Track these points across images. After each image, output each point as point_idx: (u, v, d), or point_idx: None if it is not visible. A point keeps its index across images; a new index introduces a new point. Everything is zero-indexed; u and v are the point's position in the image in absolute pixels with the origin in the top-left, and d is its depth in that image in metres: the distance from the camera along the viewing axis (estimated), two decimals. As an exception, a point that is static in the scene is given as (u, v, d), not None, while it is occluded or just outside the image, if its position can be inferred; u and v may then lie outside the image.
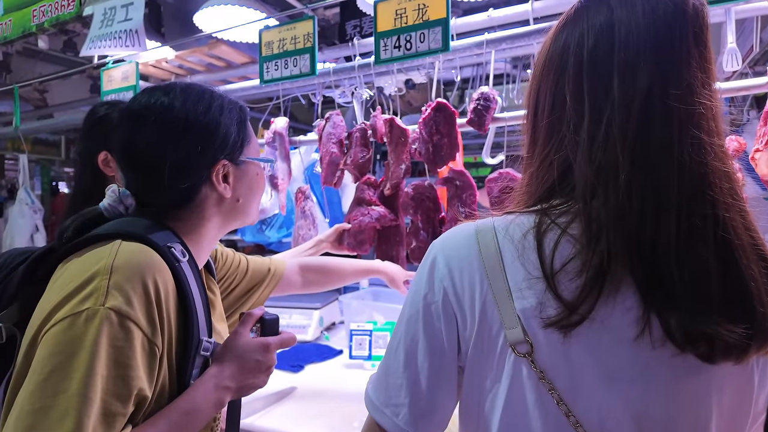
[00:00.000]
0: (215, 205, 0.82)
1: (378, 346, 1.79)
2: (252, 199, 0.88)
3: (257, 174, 0.88)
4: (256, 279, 1.13)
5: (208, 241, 0.84)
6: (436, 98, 1.52)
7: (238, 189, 0.83)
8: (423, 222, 1.53)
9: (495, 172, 1.40)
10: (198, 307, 0.74)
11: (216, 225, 0.84)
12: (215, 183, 0.79)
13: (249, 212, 0.88)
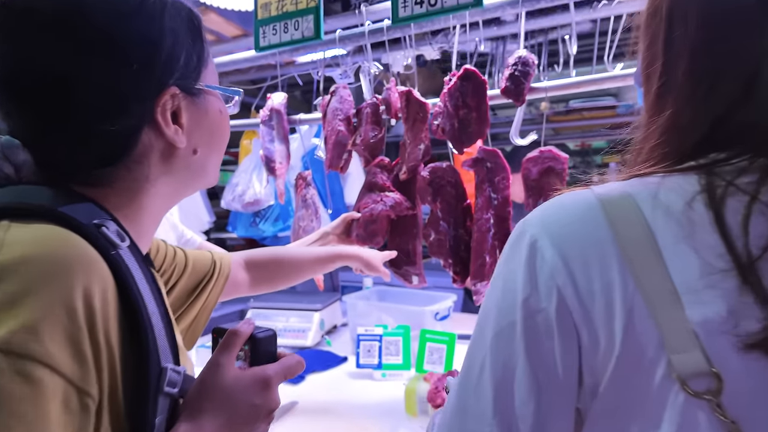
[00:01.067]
0: (162, 159, 0.54)
1: (389, 353, 1.58)
2: (214, 149, 0.60)
3: (220, 112, 0.60)
4: (199, 275, 0.83)
5: (153, 218, 0.57)
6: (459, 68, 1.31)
7: (195, 133, 0.56)
8: (443, 211, 1.31)
9: (534, 151, 1.19)
10: (153, 317, 0.48)
11: (164, 191, 0.56)
12: (161, 124, 0.52)
13: (208, 170, 0.60)
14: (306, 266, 1.06)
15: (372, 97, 1.45)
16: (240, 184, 2.09)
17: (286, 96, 1.60)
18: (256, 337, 0.57)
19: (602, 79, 1.15)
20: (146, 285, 0.49)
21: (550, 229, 0.41)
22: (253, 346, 0.57)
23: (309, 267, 1.06)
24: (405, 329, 1.61)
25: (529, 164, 1.18)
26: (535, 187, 1.20)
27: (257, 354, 0.57)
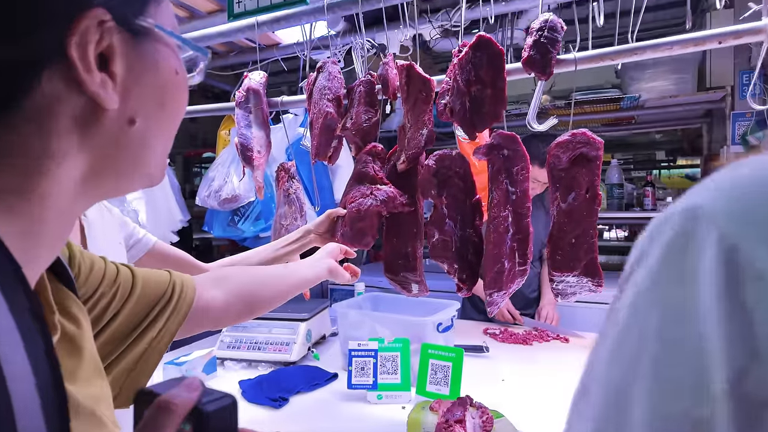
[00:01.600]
0: (76, 125, 0.35)
1: (386, 371, 1.37)
2: (162, 124, 0.41)
3: (176, 72, 0.41)
4: (150, 299, 0.61)
5: (57, 216, 0.37)
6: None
7: (133, 93, 0.38)
8: (450, 207, 1.11)
9: (566, 134, 0.99)
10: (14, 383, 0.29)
11: (76, 176, 0.37)
12: (78, 66, 0.34)
13: (149, 155, 0.41)
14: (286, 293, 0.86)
15: (366, 74, 1.24)
16: (216, 179, 1.86)
17: (266, 75, 1.38)
18: (204, 411, 0.36)
19: (646, 48, 0.95)
20: (10, 322, 0.29)
21: (760, 224, 0.21)
22: (199, 425, 0.36)
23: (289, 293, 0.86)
24: (404, 343, 1.40)
25: (558, 150, 0.98)
26: (565, 178, 1.01)
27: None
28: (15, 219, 0.33)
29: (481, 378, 1.47)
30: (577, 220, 1.02)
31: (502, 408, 1.12)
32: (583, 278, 1.05)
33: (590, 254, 1.03)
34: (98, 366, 0.45)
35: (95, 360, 0.45)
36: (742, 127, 2.46)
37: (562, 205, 1.03)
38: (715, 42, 0.88)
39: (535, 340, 1.86)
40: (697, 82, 2.63)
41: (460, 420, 0.96)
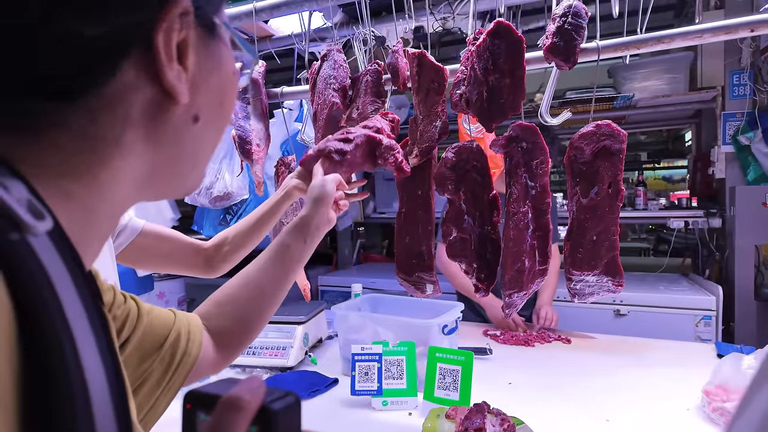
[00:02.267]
0: (146, 116, 0.34)
1: (391, 375, 1.31)
2: (217, 125, 0.40)
3: (233, 74, 0.41)
4: (158, 337, 0.56)
5: (110, 210, 0.34)
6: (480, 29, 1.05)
7: (201, 90, 0.37)
8: (468, 203, 1.05)
9: (589, 125, 0.94)
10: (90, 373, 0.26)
11: (137, 170, 0.35)
12: (161, 54, 0.32)
13: (199, 157, 0.40)
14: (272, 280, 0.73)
15: (372, 63, 1.18)
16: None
17: (265, 64, 1.31)
18: (272, 410, 0.33)
19: (681, 35, 0.91)
20: (81, 310, 0.27)
21: None
22: (267, 425, 0.33)
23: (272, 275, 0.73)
24: (409, 346, 1.34)
25: (582, 142, 0.94)
26: (587, 172, 0.96)
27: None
28: (71, 206, 0.31)
29: (488, 381, 1.42)
30: (600, 216, 0.97)
31: (515, 413, 1.07)
32: (603, 277, 1.00)
33: (612, 252, 0.98)
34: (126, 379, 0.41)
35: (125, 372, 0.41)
36: (733, 127, 2.48)
37: (582, 201, 0.99)
38: (747, 30, 0.85)
39: (537, 341, 1.82)
40: (689, 81, 2.65)
41: (480, 428, 0.90)
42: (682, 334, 2.20)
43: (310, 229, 0.77)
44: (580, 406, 1.25)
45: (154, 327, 0.56)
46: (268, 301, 0.71)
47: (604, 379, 1.42)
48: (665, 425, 1.13)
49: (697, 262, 2.80)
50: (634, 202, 2.89)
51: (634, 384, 1.37)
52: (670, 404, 1.23)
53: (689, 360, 1.56)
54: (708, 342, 2.05)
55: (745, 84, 2.45)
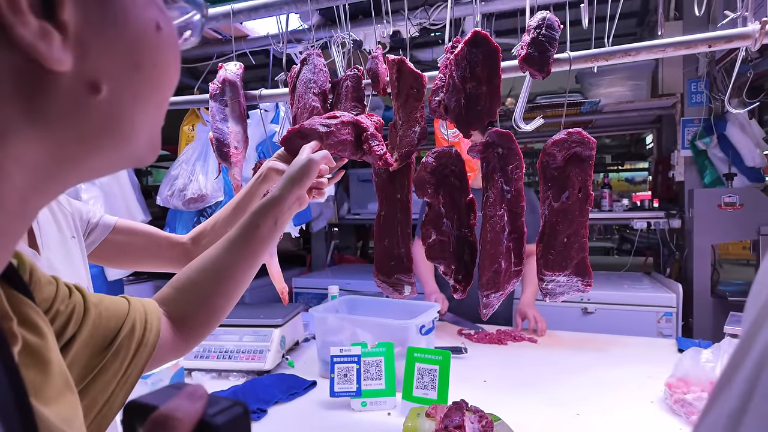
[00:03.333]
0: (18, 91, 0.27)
1: (370, 376, 1.33)
2: (139, 90, 0.32)
3: (158, 27, 0.33)
4: (110, 327, 0.52)
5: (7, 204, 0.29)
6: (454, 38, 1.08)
7: (94, 50, 0.29)
8: (447, 206, 1.08)
9: (561, 132, 0.99)
10: None
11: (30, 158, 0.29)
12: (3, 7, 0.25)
13: (126, 127, 0.32)
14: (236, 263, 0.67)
15: (352, 68, 1.19)
16: (180, 177, 1.74)
17: (242, 66, 1.30)
18: (214, 424, 0.30)
19: (647, 48, 0.97)
20: None
21: None
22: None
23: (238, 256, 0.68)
24: (387, 347, 1.36)
25: (554, 148, 0.98)
26: (558, 177, 1.00)
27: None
28: None
29: (464, 380, 1.46)
30: (570, 219, 1.02)
31: (492, 410, 1.10)
32: (573, 278, 1.05)
33: (581, 253, 1.03)
34: (67, 379, 0.38)
35: (63, 373, 0.38)
36: (691, 133, 2.61)
37: (554, 204, 1.03)
38: (705, 45, 0.91)
39: (510, 340, 1.87)
40: (650, 89, 2.78)
41: (459, 426, 0.93)
42: (645, 330, 2.30)
43: (282, 209, 0.70)
44: (552, 401, 1.30)
45: (105, 320, 0.51)
46: (234, 285, 0.67)
47: (573, 375, 1.48)
48: (631, 417, 1.19)
49: (659, 261, 2.93)
50: (600, 204, 3.00)
51: (601, 379, 1.43)
52: (635, 397, 1.29)
53: (652, 355, 1.64)
54: (669, 337, 2.15)
55: (701, 92, 2.58)
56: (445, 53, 1.08)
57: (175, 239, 1.01)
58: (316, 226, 3.29)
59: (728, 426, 0.24)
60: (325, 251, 3.75)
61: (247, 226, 0.68)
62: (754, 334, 0.24)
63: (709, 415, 0.26)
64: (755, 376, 0.23)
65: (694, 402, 1.15)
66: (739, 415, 0.23)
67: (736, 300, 2.30)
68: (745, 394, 0.23)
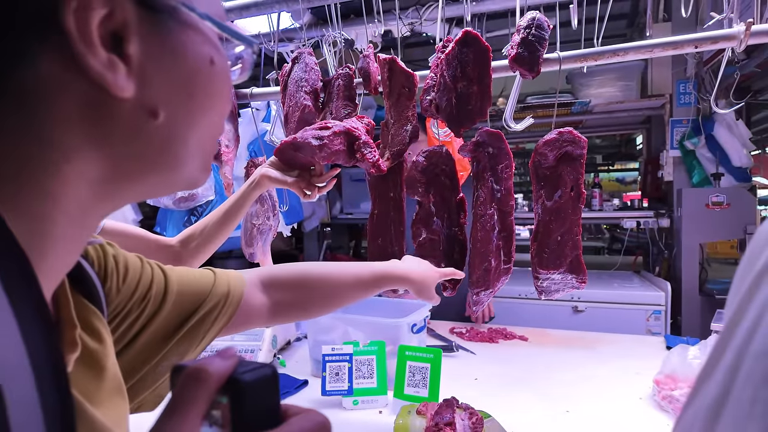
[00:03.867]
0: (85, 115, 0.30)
1: (361, 375, 1.33)
2: (194, 118, 0.36)
3: (212, 62, 0.36)
4: (189, 307, 0.57)
5: (72, 220, 0.32)
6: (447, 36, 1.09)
7: (155, 81, 0.33)
8: (437, 205, 1.09)
9: (552, 132, 0.99)
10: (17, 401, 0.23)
11: (94, 175, 0.32)
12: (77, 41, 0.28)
13: (180, 152, 0.36)
14: (344, 290, 0.79)
15: (343, 67, 1.19)
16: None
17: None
18: (241, 381, 0.32)
19: (635, 48, 0.98)
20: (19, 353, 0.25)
21: None
22: (236, 397, 0.31)
23: (348, 291, 0.79)
24: (379, 346, 1.36)
25: (546, 148, 0.99)
26: (550, 176, 1.01)
27: (243, 412, 0.32)
28: (17, 213, 0.29)
29: (455, 378, 1.47)
30: (563, 217, 1.03)
31: (482, 407, 1.11)
32: (568, 275, 1.06)
33: (575, 251, 1.04)
34: (119, 385, 0.43)
35: (117, 378, 0.42)
36: (680, 133, 2.64)
37: (547, 203, 1.04)
38: (692, 46, 0.92)
39: (500, 338, 1.89)
40: (640, 89, 2.81)
41: (450, 423, 0.94)
42: (635, 328, 2.32)
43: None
44: (542, 398, 1.31)
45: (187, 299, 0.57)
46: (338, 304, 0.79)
47: (563, 373, 1.49)
48: (620, 414, 1.20)
49: (648, 260, 2.97)
50: (591, 203, 3.02)
51: (590, 376, 1.45)
52: (624, 394, 1.31)
53: (641, 352, 1.66)
54: (658, 335, 2.18)
55: (690, 93, 2.61)
56: (436, 53, 1.08)
57: (164, 242, 1.01)
58: (308, 226, 3.29)
59: (709, 415, 0.24)
60: (317, 251, 3.74)
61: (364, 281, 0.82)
62: (734, 326, 0.25)
63: (692, 404, 0.27)
64: (735, 366, 0.23)
65: (681, 398, 1.16)
66: (719, 404, 0.24)
67: (723, 298, 2.33)
68: (726, 383, 0.24)
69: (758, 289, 0.24)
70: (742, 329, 0.24)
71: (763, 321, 0.23)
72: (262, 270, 0.72)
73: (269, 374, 0.34)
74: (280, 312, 0.70)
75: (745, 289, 0.25)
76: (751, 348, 0.23)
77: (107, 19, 0.29)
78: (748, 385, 0.22)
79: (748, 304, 0.24)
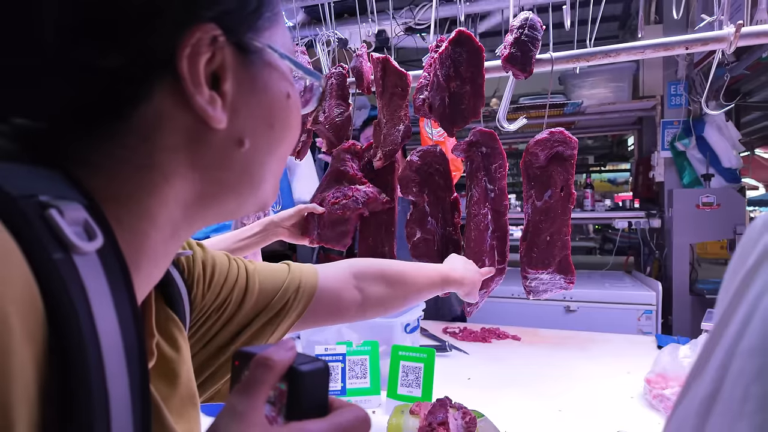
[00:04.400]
0: (186, 143, 0.35)
1: (354, 375, 1.33)
2: (272, 147, 0.40)
3: (288, 96, 0.40)
4: (264, 303, 0.59)
5: (164, 236, 0.36)
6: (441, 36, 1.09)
7: (242, 114, 0.37)
8: (432, 205, 1.09)
9: (543, 132, 1.00)
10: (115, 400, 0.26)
11: (186, 197, 0.36)
12: (188, 81, 0.33)
13: (258, 178, 0.40)
14: (419, 291, 0.81)
15: (336, 66, 1.19)
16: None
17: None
18: (300, 371, 0.36)
19: (627, 50, 0.99)
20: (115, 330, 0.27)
21: None
22: (294, 384, 0.36)
23: (421, 292, 0.82)
24: (372, 345, 1.36)
25: (537, 148, 0.99)
26: (541, 176, 1.01)
27: (298, 399, 0.36)
28: (120, 230, 0.31)
29: (448, 377, 1.47)
30: (553, 217, 1.03)
31: (476, 406, 1.11)
32: (556, 275, 1.06)
33: (564, 251, 1.04)
34: (192, 393, 0.45)
35: (190, 387, 0.45)
36: (671, 134, 2.67)
37: (537, 203, 1.04)
38: (682, 47, 0.93)
39: (493, 338, 1.89)
40: (631, 90, 2.83)
41: (443, 422, 0.94)
42: (626, 328, 2.34)
43: None
44: (534, 398, 1.31)
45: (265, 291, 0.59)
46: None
47: (556, 372, 1.50)
48: (611, 413, 1.21)
49: (639, 260, 2.99)
50: (583, 204, 3.04)
51: (582, 376, 1.46)
52: (616, 393, 1.32)
53: (632, 351, 1.67)
54: (649, 334, 2.20)
55: (681, 94, 2.64)
56: (430, 52, 1.09)
57: None
58: (301, 226, 3.28)
59: (700, 412, 0.24)
60: (310, 251, 3.73)
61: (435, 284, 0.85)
62: (724, 325, 0.25)
63: (683, 402, 0.27)
64: (725, 364, 0.24)
65: (673, 397, 1.17)
66: (710, 401, 0.24)
67: (713, 298, 2.35)
68: (716, 381, 0.24)
69: (748, 288, 0.24)
70: (733, 327, 0.24)
71: (753, 319, 0.23)
72: (351, 263, 0.73)
73: (322, 367, 0.37)
74: (370, 307, 0.72)
75: (735, 288, 0.26)
76: (742, 346, 0.23)
77: (210, 61, 0.33)
78: (738, 382, 0.22)
79: (738, 302, 0.25)
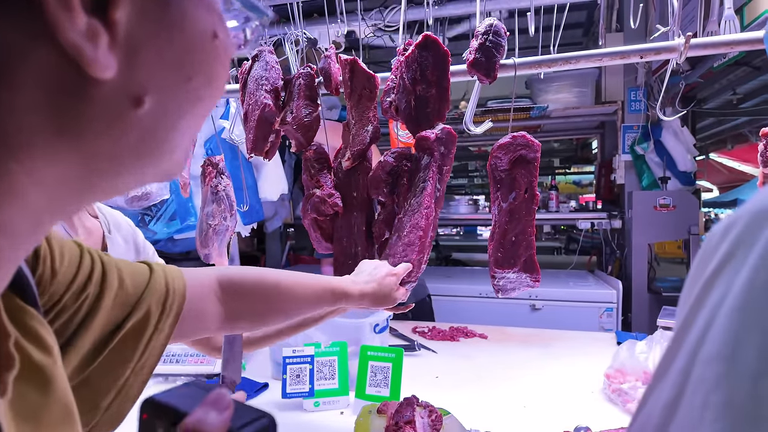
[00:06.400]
0: (54, 99, 0.23)
1: (323, 376, 1.32)
2: (186, 105, 0.28)
3: (215, 36, 0.28)
4: (129, 302, 0.47)
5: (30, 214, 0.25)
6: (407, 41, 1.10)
7: (143, 57, 0.25)
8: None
9: (506, 136, 1.02)
10: None
11: (55, 167, 0.24)
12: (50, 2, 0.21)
13: (164, 149, 0.29)
14: (303, 307, 0.73)
15: (305, 66, 1.19)
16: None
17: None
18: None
19: (585, 57, 1.02)
20: None
21: None
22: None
23: (306, 309, 0.74)
24: (341, 346, 1.36)
25: (500, 152, 1.01)
26: (505, 179, 1.04)
27: None
28: None
29: (416, 376, 1.48)
30: (518, 218, 1.06)
31: (442, 404, 1.13)
32: (522, 274, 1.09)
33: (529, 251, 1.07)
34: (69, 407, 0.35)
35: (66, 399, 0.35)
36: (631, 138, 2.77)
37: (503, 205, 1.07)
38: (638, 56, 0.97)
39: (461, 336, 1.92)
40: (594, 96, 2.93)
41: (409, 421, 0.95)
42: (589, 325, 2.42)
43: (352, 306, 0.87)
44: (500, 394, 1.34)
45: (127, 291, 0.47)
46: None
47: (520, 369, 1.53)
48: (573, 407, 1.25)
49: (602, 260, 3.09)
50: (548, 205, 3.12)
51: (546, 372, 1.50)
52: (578, 388, 1.36)
53: (593, 348, 1.73)
54: (610, 331, 2.28)
55: (640, 100, 2.74)
56: (397, 55, 1.09)
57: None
58: (270, 227, 3.24)
59: (663, 415, 0.25)
60: (280, 252, 3.69)
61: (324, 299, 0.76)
62: (685, 329, 0.26)
63: (647, 403, 0.28)
64: (687, 370, 0.24)
65: (630, 391, 1.22)
66: (673, 405, 0.24)
67: (670, 295, 2.46)
68: (678, 386, 0.24)
69: (708, 295, 0.25)
70: (694, 333, 0.25)
71: (713, 326, 0.23)
72: (219, 272, 0.62)
73: (267, 425, 0.33)
74: (235, 321, 0.63)
75: (696, 294, 0.26)
76: (702, 353, 0.23)
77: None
78: (698, 390, 0.23)
79: (698, 308, 0.25)
